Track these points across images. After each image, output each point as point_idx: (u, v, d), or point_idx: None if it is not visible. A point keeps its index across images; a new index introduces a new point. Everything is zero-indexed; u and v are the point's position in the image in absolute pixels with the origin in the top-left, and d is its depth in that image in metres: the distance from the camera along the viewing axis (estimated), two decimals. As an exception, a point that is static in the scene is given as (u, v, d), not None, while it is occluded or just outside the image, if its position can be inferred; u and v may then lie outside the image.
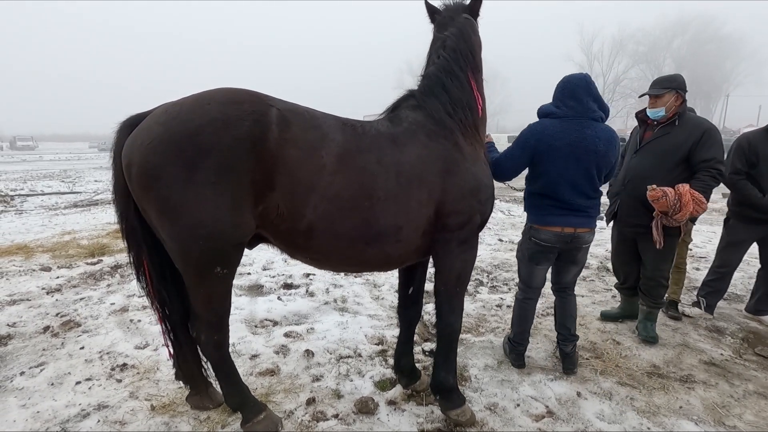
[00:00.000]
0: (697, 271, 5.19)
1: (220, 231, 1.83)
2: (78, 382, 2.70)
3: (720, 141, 3.08)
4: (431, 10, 2.57)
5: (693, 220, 3.46)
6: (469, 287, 4.60)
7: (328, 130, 2.02)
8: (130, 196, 1.93)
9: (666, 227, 3.07)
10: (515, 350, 2.95)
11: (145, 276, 2.17)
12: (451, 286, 2.38)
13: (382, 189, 2.06)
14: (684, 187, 2.91)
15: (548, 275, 2.94)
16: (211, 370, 2.24)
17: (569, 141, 2.49)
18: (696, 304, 3.96)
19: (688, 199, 2.87)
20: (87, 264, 5.19)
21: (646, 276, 3.37)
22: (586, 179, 2.55)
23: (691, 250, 6.10)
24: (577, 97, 2.53)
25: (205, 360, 2.30)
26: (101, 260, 5.29)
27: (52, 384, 2.70)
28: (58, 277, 4.70)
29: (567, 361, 2.88)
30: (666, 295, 3.51)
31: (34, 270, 4.95)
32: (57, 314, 3.74)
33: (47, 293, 4.24)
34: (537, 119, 2.70)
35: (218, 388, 2.41)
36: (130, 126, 1.95)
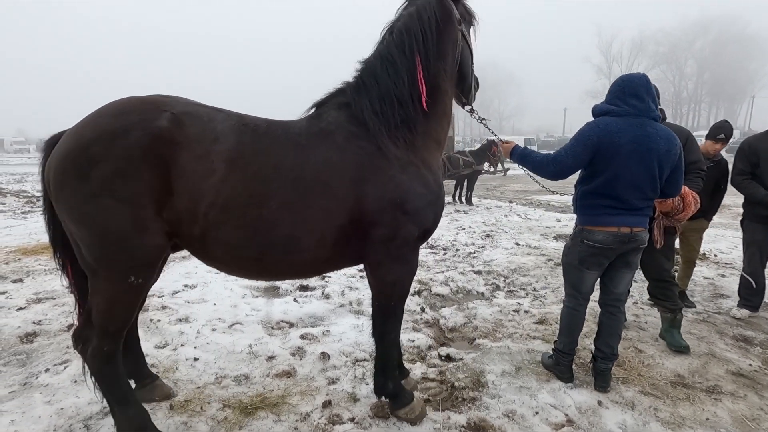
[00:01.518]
0: (723, 278, 5.03)
1: (127, 238, 1.85)
2: (100, 380, 2.76)
3: (698, 145, 3.43)
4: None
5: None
6: (485, 292, 4.55)
7: (222, 133, 1.93)
8: (53, 206, 2.01)
9: (665, 227, 3.14)
10: (563, 361, 2.81)
11: (68, 276, 2.24)
12: (384, 300, 2.28)
13: (275, 197, 1.94)
14: (684, 189, 2.94)
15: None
16: (102, 394, 2.08)
17: (632, 138, 2.41)
18: (743, 305, 3.96)
19: (690, 199, 2.96)
20: (58, 265, 5.29)
21: (653, 279, 3.34)
22: (647, 178, 2.47)
23: (716, 256, 5.93)
24: (639, 96, 2.47)
25: (92, 375, 2.09)
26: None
27: (75, 381, 2.75)
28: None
29: (600, 378, 2.75)
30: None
31: (58, 269, 5.07)
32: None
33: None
34: (589, 119, 2.64)
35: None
36: (51, 144, 2.02)
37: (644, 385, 2.79)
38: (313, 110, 2.27)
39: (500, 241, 6.87)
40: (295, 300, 4.21)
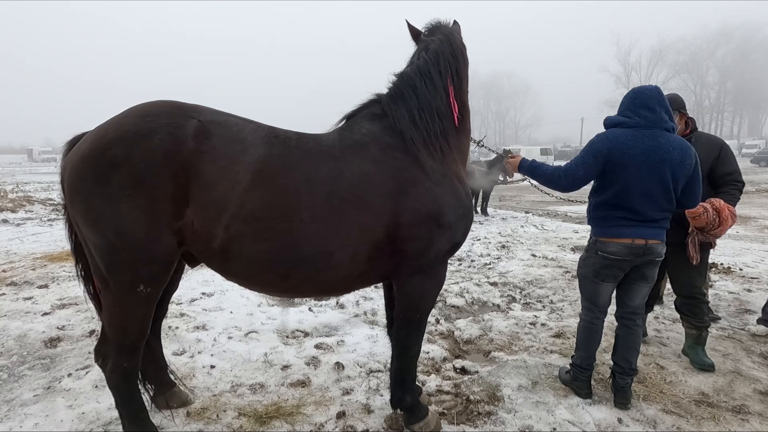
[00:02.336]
0: (749, 292, 4.87)
1: (138, 244, 1.80)
2: (120, 386, 2.81)
3: (734, 155, 3.24)
4: (414, 33, 2.43)
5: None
6: (501, 304, 4.50)
7: (252, 143, 1.90)
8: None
9: (701, 243, 3.03)
10: (581, 377, 2.74)
11: (93, 286, 2.18)
12: (409, 314, 2.25)
13: (306, 210, 1.88)
14: (719, 202, 2.88)
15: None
16: (116, 407, 2.06)
17: (643, 149, 2.40)
18: (762, 321, 3.79)
19: (727, 214, 2.85)
20: (79, 274, 5.42)
21: (683, 295, 3.24)
22: (660, 189, 2.44)
23: (741, 270, 5.75)
24: (650, 107, 2.46)
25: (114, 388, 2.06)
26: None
27: (96, 386, 2.82)
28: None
29: (620, 395, 2.67)
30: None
31: (79, 277, 5.22)
32: (102, 319, 3.92)
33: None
34: (601, 130, 2.63)
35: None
36: (71, 145, 2.00)
37: (666, 402, 2.71)
38: (343, 122, 2.26)
39: (516, 253, 6.79)
40: (310, 309, 4.23)
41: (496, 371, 3.05)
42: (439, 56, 2.25)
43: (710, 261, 5.81)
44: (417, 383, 2.72)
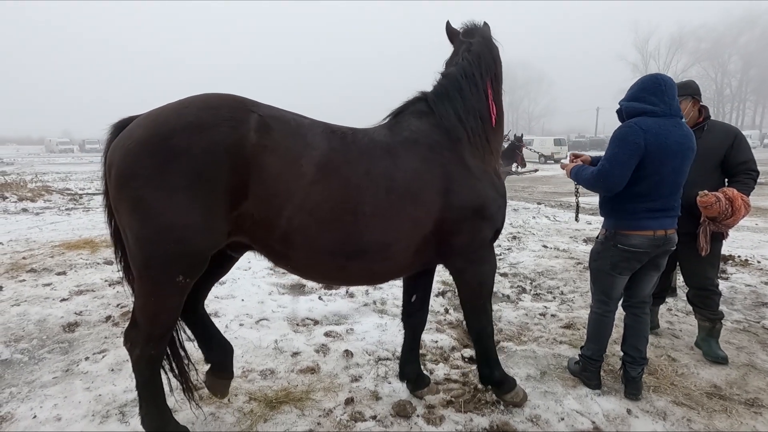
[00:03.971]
0: (766, 285, 4.76)
1: (191, 236, 1.77)
2: (135, 370, 2.89)
3: (749, 144, 3.17)
4: (451, 33, 2.55)
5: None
6: (511, 294, 4.49)
7: (313, 138, 1.93)
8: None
9: (712, 233, 2.97)
10: (591, 368, 2.73)
11: (126, 271, 2.15)
12: (473, 299, 2.40)
13: (368, 204, 1.95)
14: (732, 192, 2.82)
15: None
16: (136, 388, 2.07)
17: (676, 138, 2.33)
18: None
19: (740, 203, 2.79)
20: (119, 263, 5.53)
21: (695, 287, 3.19)
22: (683, 178, 2.44)
23: (759, 263, 5.62)
24: (671, 95, 2.39)
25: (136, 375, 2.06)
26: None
27: (113, 370, 2.90)
28: (119, 271, 5.02)
29: (631, 385, 2.65)
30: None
31: (98, 263, 5.36)
32: (117, 305, 4.02)
33: (109, 285, 4.58)
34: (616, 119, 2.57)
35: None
36: (119, 128, 1.94)
37: (677, 395, 2.68)
38: (390, 118, 2.33)
39: (527, 244, 6.74)
40: (320, 298, 4.27)
41: (505, 361, 3.05)
42: (481, 59, 2.37)
43: (728, 253, 5.70)
44: (425, 372, 2.75)
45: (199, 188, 1.75)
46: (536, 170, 13.80)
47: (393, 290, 4.44)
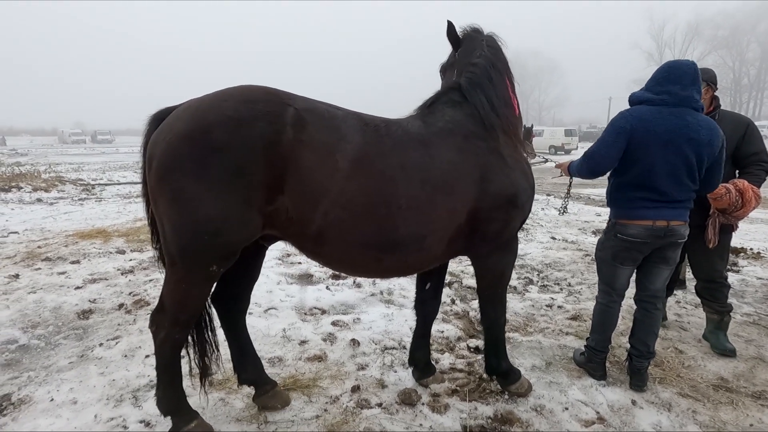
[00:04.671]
0: (778, 278, 4.70)
1: (228, 228, 1.81)
2: (147, 356, 2.96)
3: (761, 135, 3.09)
4: (453, 33, 2.53)
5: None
6: (517, 286, 4.49)
7: (347, 132, 1.92)
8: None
9: (722, 225, 2.94)
10: (596, 359, 2.74)
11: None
12: (493, 289, 2.44)
13: (403, 196, 1.95)
14: (743, 183, 2.78)
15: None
16: (156, 369, 2.10)
17: (669, 127, 2.30)
18: None
19: (751, 195, 2.75)
20: (155, 249, 5.62)
21: (703, 279, 3.16)
22: (685, 169, 2.35)
23: (771, 255, 5.53)
24: (682, 83, 2.34)
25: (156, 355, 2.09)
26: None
27: (126, 356, 2.98)
28: (131, 260, 5.16)
29: (636, 377, 2.66)
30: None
31: (111, 252, 5.46)
32: (130, 293, 4.11)
33: (122, 274, 4.67)
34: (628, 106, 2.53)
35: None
36: (157, 120, 1.97)
37: (683, 386, 2.68)
38: (423, 108, 2.34)
39: (535, 235, 6.72)
40: (327, 288, 4.32)
41: (510, 351, 3.06)
42: (498, 52, 2.45)
43: (740, 245, 5.62)
44: (432, 362, 2.78)
45: (237, 182, 1.77)
46: (546, 161, 13.67)
47: (400, 281, 4.47)
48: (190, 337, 2.21)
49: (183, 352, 2.14)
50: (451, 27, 2.51)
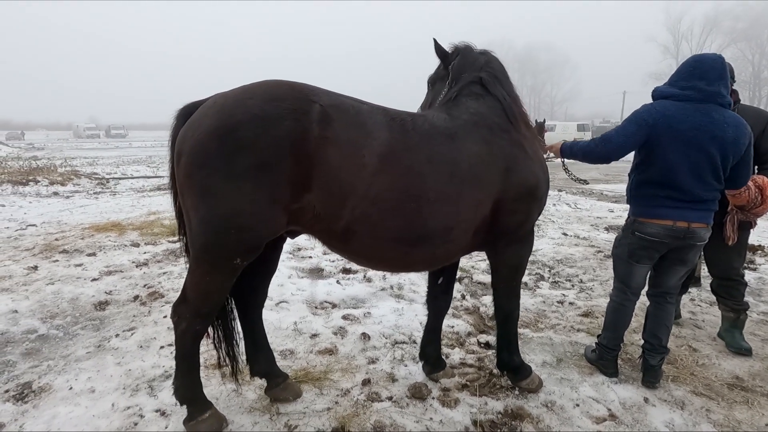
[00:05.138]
0: (796, 277, 4.60)
1: (254, 224, 1.83)
2: (162, 347, 3.02)
3: None
4: (441, 52, 2.57)
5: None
6: (528, 281, 4.47)
7: (373, 127, 1.92)
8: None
9: (740, 222, 2.88)
10: (607, 356, 2.71)
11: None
12: (509, 282, 2.44)
13: (432, 190, 1.97)
14: (763, 179, 2.72)
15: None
16: (175, 358, 2.14)
17: (693, 124, 2.24)
18: None
19: None
20: (169, 242, 5.72)
21: (719, 277, 3.11)
22: (709, 167, 2.29)
23: (790, 253, 5.42)
24: (708, 78, 2.27)
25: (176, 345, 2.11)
26: (181, 239, 5.80)
27: (141, 347, 3.04)
28: (145, 253, 5.24)
29: (649, 373, 2.63)
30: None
31: (125, 245, 5.56)
32: (144, 285, 4.18)
33: (136, 266, 4.76)
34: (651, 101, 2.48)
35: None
36: (185, 115, 1.99)
37: (697, 385, 2.66)
38: (446, 101, 2.38)
39: (547, 231, 6.66)
40: (338, 282, 4.34)
41: (521, 347, 3.03)
42: (497, 61, 2.50)
43: (757, 243, 5.51)
44: (442, 357, 2.78)
45: (263, 179, 1.79)
46: (556, 158, 13.50)
47: (410, 275, 4.47)
48: (220, 330, 2.27)
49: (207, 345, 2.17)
50: (436, 44, 2.56)
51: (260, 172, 1.78)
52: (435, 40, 2.55)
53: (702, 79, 2.28)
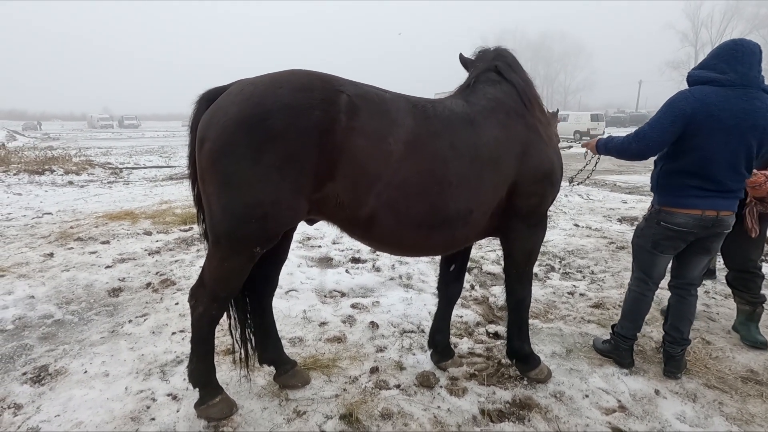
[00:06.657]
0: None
1: (277, 213, 1.83)
2: (174, 333, 3.07)
3: None
4: (463, 61, 2.62)
5: None
6: (539, 272, 4.43)
7: (398, 115, 1.95)
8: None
9: (759, 214, 2.82)
10: (623, 346, 2.67)
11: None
12: (522, 267, 2.44)
13: (454, 174, 2.01)
14: None
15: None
16: (191, 342, 2.16)
17: (735, 112, 2.14)
18: None
19: None
20: (180, 231, 5.79)
21: (736, 269, 3.05)
22: (745, 157, 2.22)
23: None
24: (749, 63, 2.17)
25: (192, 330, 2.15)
26: (192, 228, 5.87)
27: (153, 332, 3.09)
28: (157, 241, 5.31)
29: (671, 363, 2.59)
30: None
31: (138, 234, 5.64)
32: (157, 273, 4.24)
33: (149, 254, 4.82)
34: (686, 86, 2.37)
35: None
36: (207, 100, 1.97)
37: (710, 377, 2.62)
38: (463, 87, 2.42)
39: (558, 222, 6.58)
40: (347, 271, 4.36)
41: (530, 337, 3.02)
42: (507, 49, 2.54)
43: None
44: (451, 346, 2.78)
45: (289, 169, 1.78)
46: (570, 146, 13.33)
47: (419, 265, 4.47)
48: (234, 316, 2.31)
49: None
50: (461, 56, 2.65)
51: (287, 162, 1.77)
52: (461, 54, 2.65)
53: (744, 64, 2.17)
